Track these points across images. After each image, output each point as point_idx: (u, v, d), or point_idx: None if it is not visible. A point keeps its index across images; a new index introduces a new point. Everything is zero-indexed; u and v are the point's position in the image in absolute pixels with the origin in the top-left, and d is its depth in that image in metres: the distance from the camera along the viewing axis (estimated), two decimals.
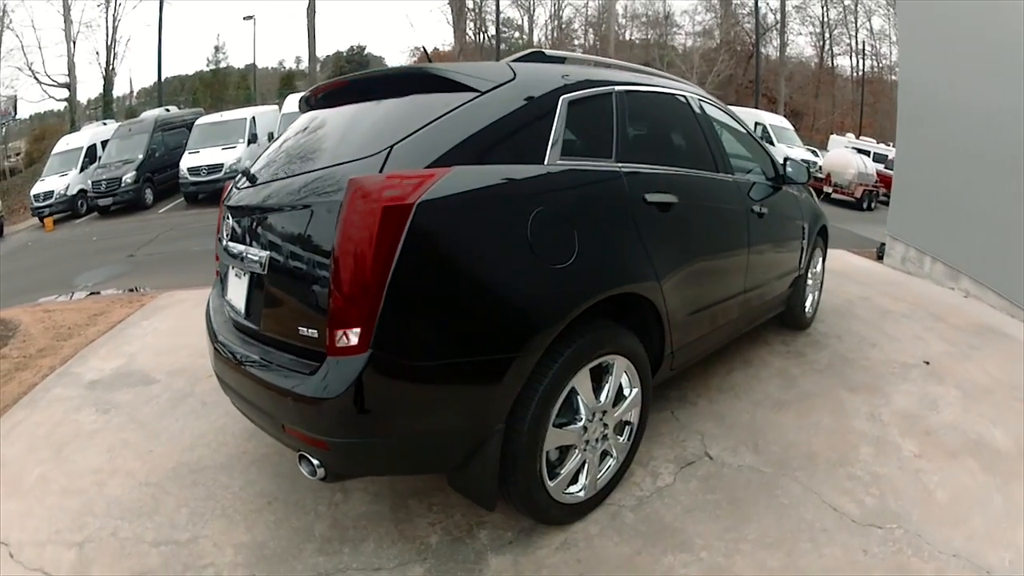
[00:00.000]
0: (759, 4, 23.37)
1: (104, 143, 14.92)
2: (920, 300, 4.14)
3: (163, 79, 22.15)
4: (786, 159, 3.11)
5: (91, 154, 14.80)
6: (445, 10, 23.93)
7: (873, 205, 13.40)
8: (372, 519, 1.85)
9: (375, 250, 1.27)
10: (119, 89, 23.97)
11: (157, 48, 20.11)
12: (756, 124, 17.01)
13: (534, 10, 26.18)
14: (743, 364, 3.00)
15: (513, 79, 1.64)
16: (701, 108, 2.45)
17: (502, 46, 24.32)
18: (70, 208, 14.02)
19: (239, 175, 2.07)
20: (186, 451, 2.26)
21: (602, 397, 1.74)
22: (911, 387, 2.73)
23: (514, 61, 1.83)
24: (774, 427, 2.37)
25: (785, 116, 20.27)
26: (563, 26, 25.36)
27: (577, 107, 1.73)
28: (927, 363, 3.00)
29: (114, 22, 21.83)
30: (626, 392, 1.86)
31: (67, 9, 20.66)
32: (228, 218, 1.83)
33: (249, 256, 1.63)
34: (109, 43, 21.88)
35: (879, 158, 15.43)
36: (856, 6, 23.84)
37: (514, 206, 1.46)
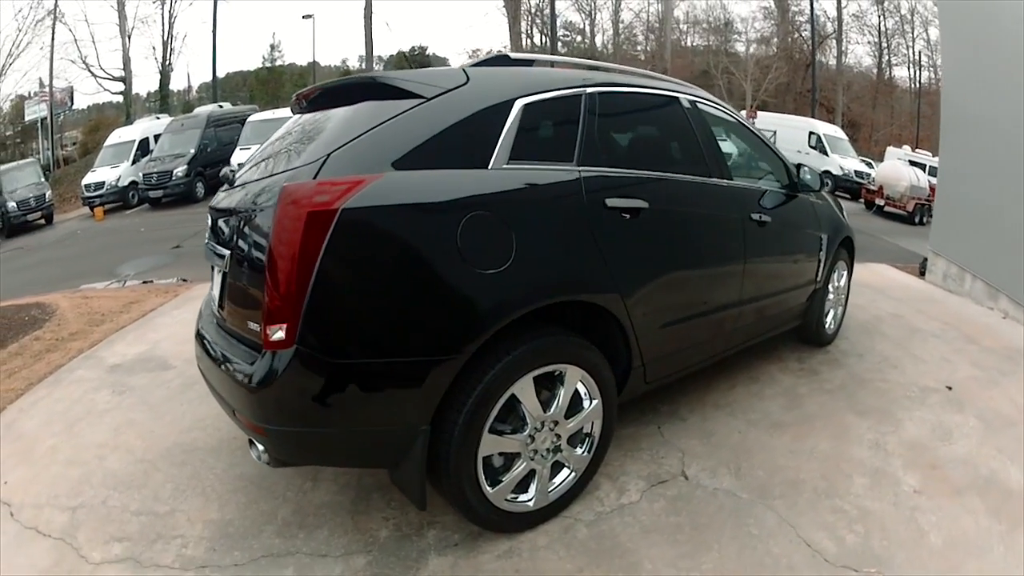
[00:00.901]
0: (817, 11, 22.10)
1: (157, 137, 14.91)
2: (955, 319, 3.73)
3: (224, 75, 22.18)
4: (799, 166, 2.88)
5: (143, 147, 14.86)
6: (502, 12, 23.62)
7: (925, 219, 12.39)
8: (333, 508, 1.87)
9: (300, 252, 1.31)
10: (178, 84, 23.87)
11: (212, 46, 20.54)
12: (810, 133, 16.22)
13: (595, 14, 25.58)
14: (748, 380, 2.79)
15: (464, 84, 1.61)
16: (696, 111, 2.28)
17: (563, 50, 23.96)
18: (121, 199, 14.18)
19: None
20: (183, 433, 2.35)
21: (552, 407, 1.66)
22: (926, 414, 2.45)
23: (476, 65, 1.78)
24: (764, 450, 2.17)
25: (842, 126, 19.09)
26: (620, 31, 24.72)
27: (535, 110, 1.67)
28: (949, 388, 2.68)
29: (170, 19, 21.65)
30: (584, 403, 1.76)
31: (121, 5, 20.42)
32: (210, 219, 1.90)
33: (220, 255, 1.70)
34: (165, 39, 21.68)
35: (934, 172, 14.24)
36: (912, 16, 22.09)
37: (444, 211, 1.44)
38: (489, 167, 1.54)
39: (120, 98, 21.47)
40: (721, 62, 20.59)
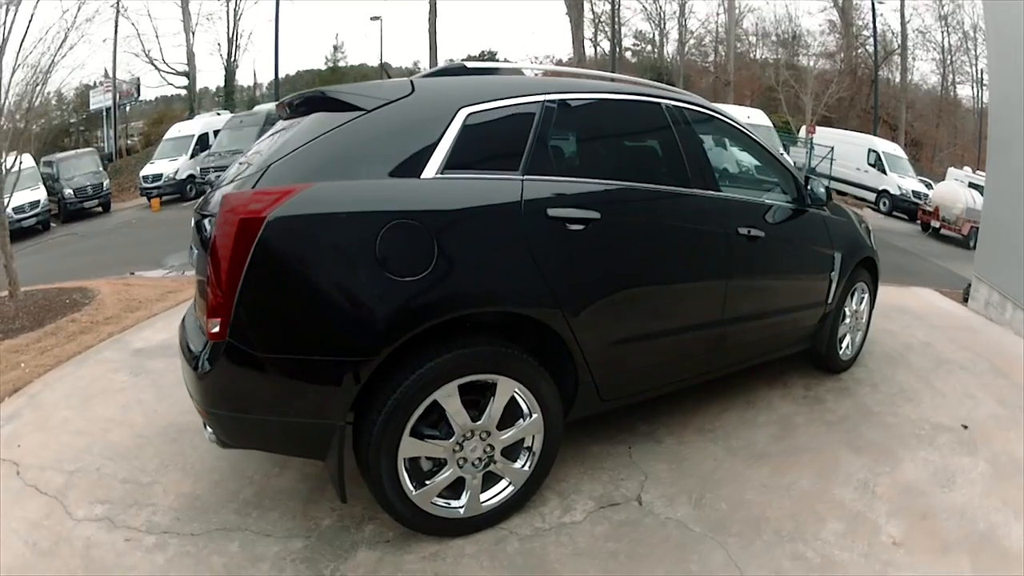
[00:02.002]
0: (882, 26, 20.48)
1: (216, 132, 14.68)
2: (988, 351, 3.26)
3: (295, 73, 21.49)
4: (807, 178, 2.62)
5: (202, 142, 14.72)
6: (567, 18, 22.69)
7: None
8: (289, 494, 1.91)
9: (232, 254, 1.40)
10: (246, 80, 23.08)
11: (274, 45, 19.04)
12: (869, 151, 15.16)
13: (665, 23, 24.72)
14: (744, 405, 2.55)
15: (409, 95, 1.61)
16: (682, 120, 2.09)
17: (633, 60, 23.40)
18: (178, 191, 13.99)
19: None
20: (181, 414, 2.45)
21: (483, 417, 1.59)
22: (931, 455, 2.14)
23: (430, 75, 1.76)
24: (736, 481, 1.97)
25: (905, 145, 17.59)
26: (686, 41, 23.73)
27: (480, 119, 1.62)
28: (965, 427, 2.34)
29: (235, 16, 20.93)
30: (523, 417, 1.67)
31: (185, 3, 19.77)
32: (193, 220, 1.99)
33: (194, 253, 1.79)
34: (231, 36, 20.96)
35: None
36: (975, 32, 19.91)
37: (365, 220, 1.45)
38: (421, 177, 1.53)
39: (186, 92, 20.95)
40: (782, 75, 19.45)
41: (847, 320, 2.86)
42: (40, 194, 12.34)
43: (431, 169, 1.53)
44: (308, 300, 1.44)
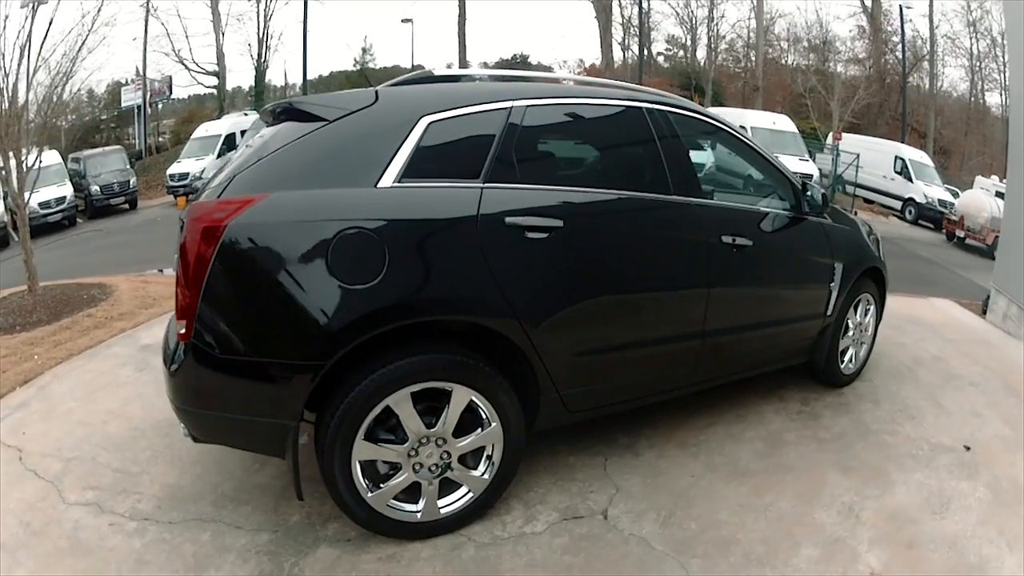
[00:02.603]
0: (912, 32, 19.51)
1: (243, 132, 14.35)
2: (1002, 367, 3.02)
3: (328, 74, 21.03)
4: (804, 184, 2.46)
5: (229, 142, 14.53)
6: (595, 23, 22.05)
7: None
8: (265, 490, 1.92)
9: (196, 260, 1.44)
10: (276, 80, 22.17)
11: (302, 46, 18.96)
12: (896, 158, 14.48)
13: (697, 28, 24.22)
14: (734, 419, 2.41)
15: (372, 105, 1.61)
16: (665, 124, 1.98)
17: (666, 64, 22.92)
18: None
19: None
20: None
21: (438, 424, 1.56)
22: (927, 478, 1.98)
23: (397, 84, 1.74)
24: (710, 499, 1.86)
25: (933, 153, 16.71)
26: (714, 46, 23.14)
27: (442, 127, 1.58)
28: (967, 448, 2.16)
29: (266, 16, 20.28)
30: (482, 426, 1.62)
31: (215, 3, 19.41)
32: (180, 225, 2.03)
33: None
34: (261, 36, 20.35)
35: None
36: (1003, 38, 18.69)
37: (318, 228, 1.46)
38: (377, 186, 1.52)
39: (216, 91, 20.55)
40: (809, 81, 18.78)
41: (850, 333, 2.68)
42: (66, 190, 12.38)
43: (388, 178, 1.52)
44: (261, 305, 1.47)
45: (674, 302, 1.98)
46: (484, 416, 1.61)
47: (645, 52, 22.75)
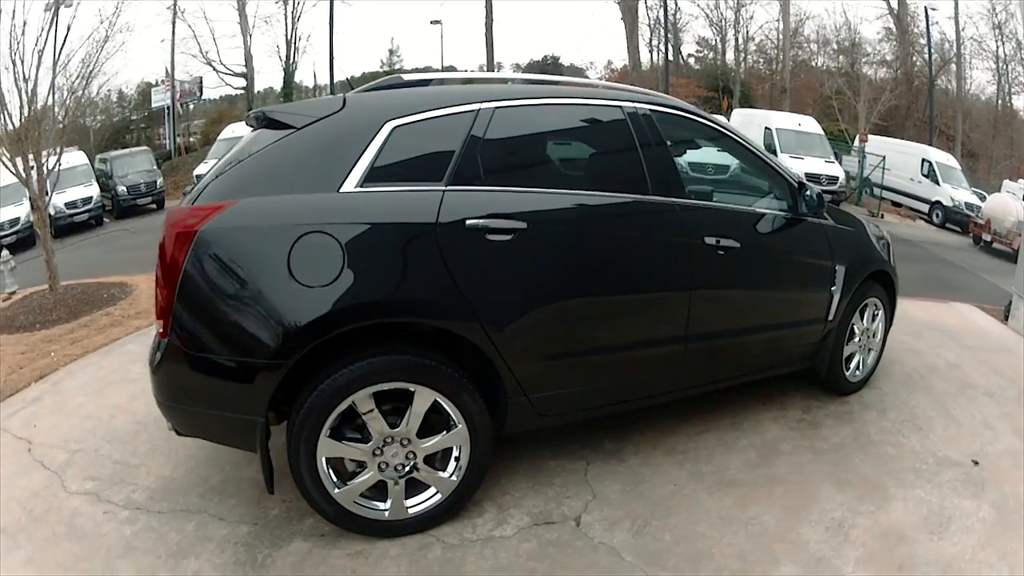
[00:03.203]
0: (940, 35, 18.58)
1: None
2: (1020, 376, 2.77)
3: (358, 75, 20.20)
4: (800, 184, 2.32)
5: None
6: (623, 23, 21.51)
7: None
8: (251, 484, 1.93)
9: (170, 263, 1.50)
10: (306, 81, 21.93)
11: (329, 48, 18.78)
12: (923, 161, 13.82)
13: (726, 30, 23.77)
14: (729, 426, 2.29)
15: (338, 111, 1.61)
16: (647, 123, 1.88)
17: (697, 66, 22.41)
18: None
19: None
20: None
21: (402, 425, 1.53)
22: (928, 494, 1.83)
23: (366, 90, 1.73)
24: (691, 510, 1.76)
25: (961, 156, 15.86)
26: (744, 48, 22.58)
27: (406, 132, 1.58)
28: (976, 463, 1.99)
29: (294, 18, 19.87)
30: (448, 428, 1.58)
31: (243, 5, 19.13)
32: None
33: None
34: (289, 38, 19.98)
35: None
36: None
37: (280, 232, 1.49)
38: (340, 190, 1.52)
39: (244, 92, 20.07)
40: (835, 83, 18.13)
41: (856, 339, 2.51)
42: (93, 190, 12.36)
43: (350, 183, 1.53)
44: (227, 306, 1.49)
45: (649, 305, 1.89)
46: (450, 418, 1.57)
47: (675, 54, 22.26)
